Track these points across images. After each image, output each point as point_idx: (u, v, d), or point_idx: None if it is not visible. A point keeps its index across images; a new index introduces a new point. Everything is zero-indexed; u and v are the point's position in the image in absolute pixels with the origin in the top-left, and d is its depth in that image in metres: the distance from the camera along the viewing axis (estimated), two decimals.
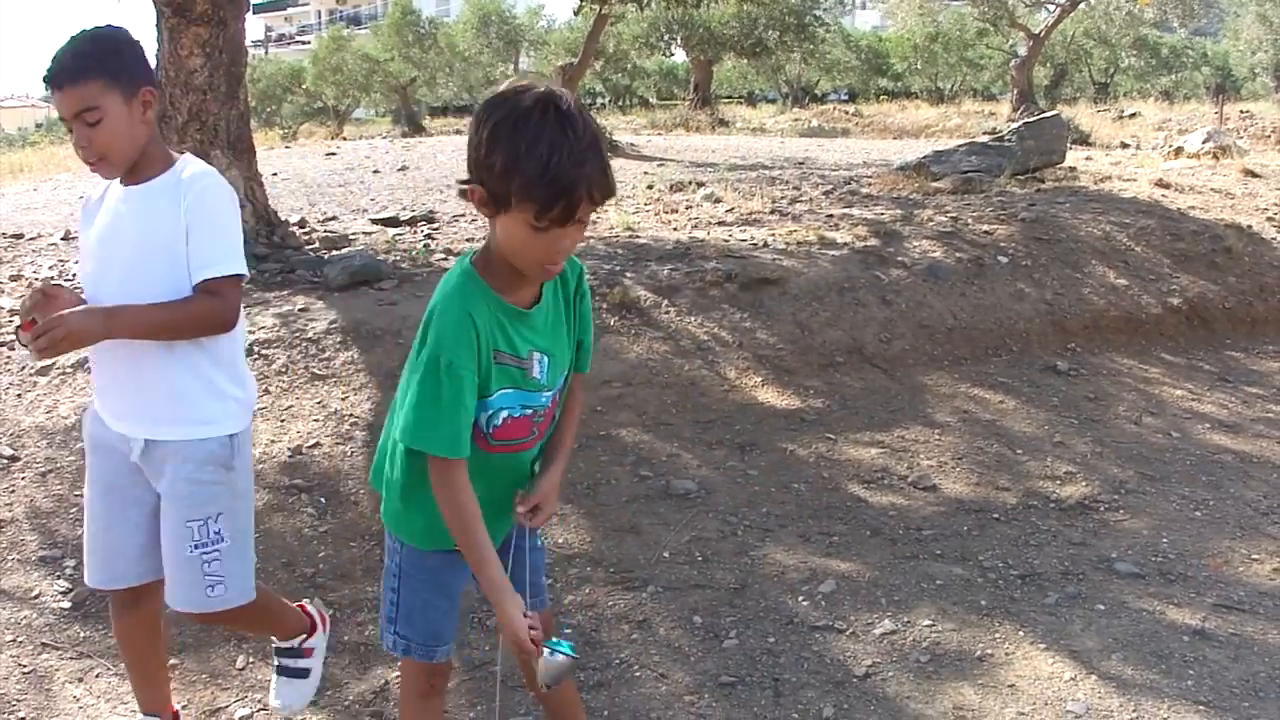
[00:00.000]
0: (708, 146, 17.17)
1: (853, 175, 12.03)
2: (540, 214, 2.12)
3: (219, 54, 7.60)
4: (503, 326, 2.34)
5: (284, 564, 4.40)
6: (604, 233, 8.38)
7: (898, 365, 6.47)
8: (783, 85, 38.14)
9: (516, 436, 2.45)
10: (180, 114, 7.65)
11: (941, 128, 23.14)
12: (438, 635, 2.66)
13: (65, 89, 2.71)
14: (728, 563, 4.41)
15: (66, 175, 16.95)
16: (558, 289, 2.47)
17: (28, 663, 3.83)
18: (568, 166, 2.10)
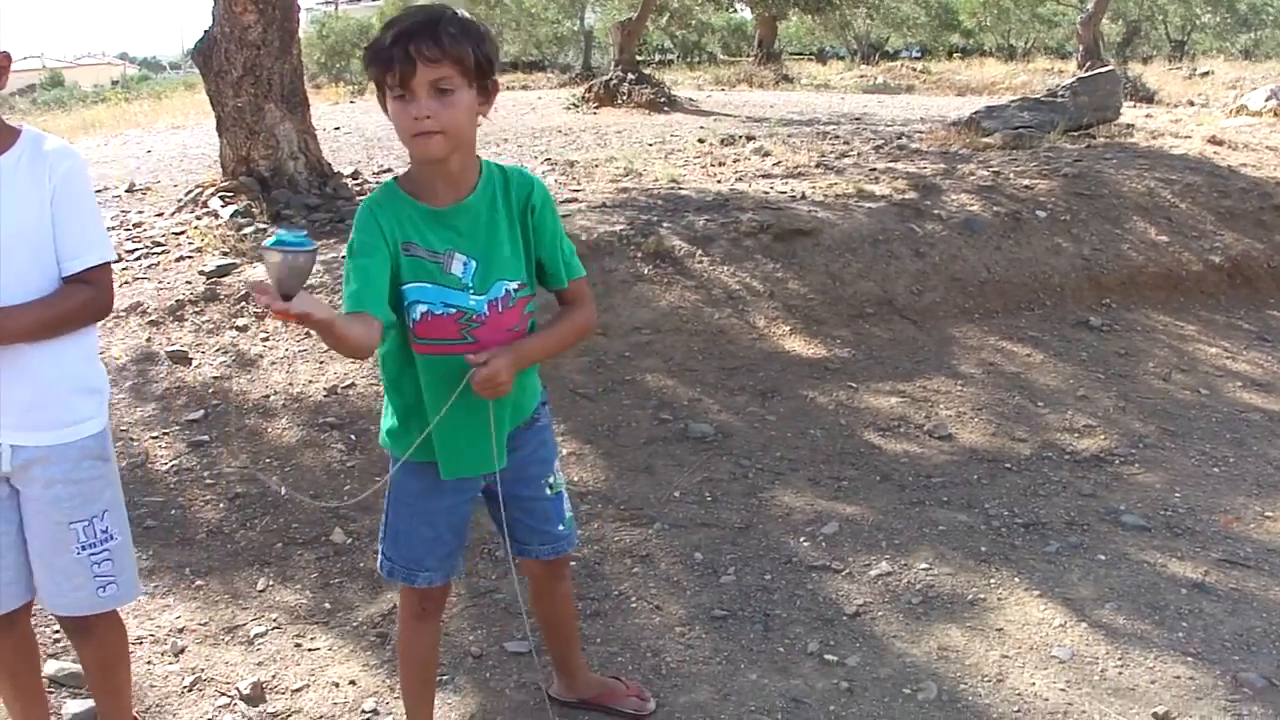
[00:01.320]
0: (767, 102, 17.08)
1: (906, 131, 11.93)
2: (386, 78, 2.36)
3: (272, 10, 7.69)
4: (414, 222, 2.47)
5: (311, 496, 4.52)
6: (648, 185, 8.39)
7: (927, 317, 6.45)
8: (851, 42, 37.74)
9: (441, 336, 2.49)
10: (235, 69, 7.76)
11: (1007, 85, 22.80)
12: (419, 561, 2.74)
13: None
14: (735, 503, 4.46)
15: (136, 131, 17.20)
16: (497, 200, 2.53)
17: None
18: (394, 32, 2.35)
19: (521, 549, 2.90)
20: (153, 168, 11.87)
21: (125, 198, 9.39)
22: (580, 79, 24.26)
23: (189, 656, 3.60)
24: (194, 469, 4.79)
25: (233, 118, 8.02)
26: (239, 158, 8.11)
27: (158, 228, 7.77)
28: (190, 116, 18.78)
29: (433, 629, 2.92)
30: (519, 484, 2.78)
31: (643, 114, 16.02)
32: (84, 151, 13.98)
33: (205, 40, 7.96)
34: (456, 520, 2.76)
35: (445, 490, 2.68)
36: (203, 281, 6.21)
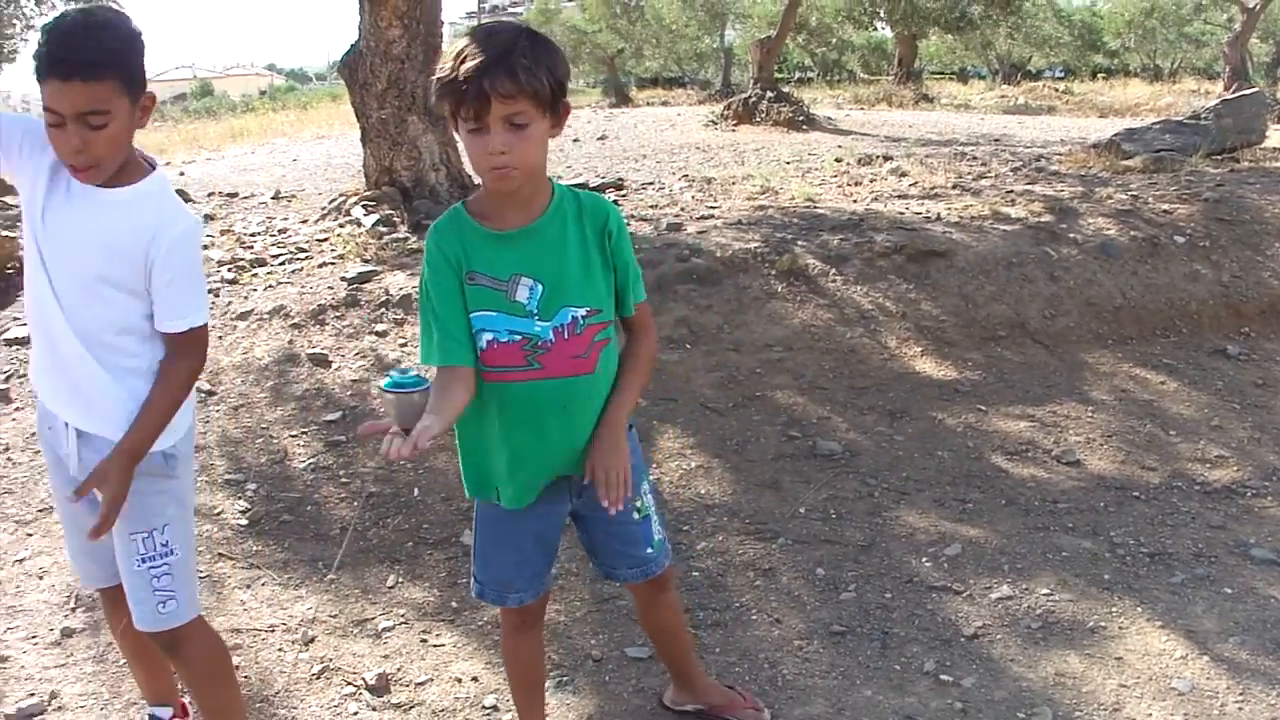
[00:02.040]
0: (906, 122, 16.96)
1: (1045, 152, 11.77)
2: (455, 113, 2.33)
3: (416, 25, 7.87)
4: (479, 250, 2.46)
5: (443, 499, 4.65)
6: (784, 203, 8.41)
7: (1060, 342, 6.36)
8: (993, 61, 37.22)
9: (507, 363, 2.48)
10: (379, 81, 7.97)
11: (1151, 106, 22.33)
12: (508, 583, 2.77)
13: (74, 83, 2.33)
14: (859, 521, 4.47)
15: (282, 140, 17.72)
16: (568, 224, 2.52)
17: (205, 569, 4.18)
18: (467, 67, 2.27)
19: (609, 572, 2.92)
20: (298, 176, 12.24)
21: (271, 204, 9.71)
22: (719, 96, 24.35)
23: (318, 646, 3.74)
24: (330, 468, 4.94)
25: (377, 129, 8.24)
26: (382, 168, 8.33)
27: (302, 234, 8.01)
28: (334, 127, 19.30)
29: (534, 639, 2.96)
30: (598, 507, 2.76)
31: (781, 132, 16.02)
32: (232, 160, 14.58)
33: (351, 54, 8.19)
34: (543, 543, 2.78)
35: (530, 516, 2.70)
36: (344, 287, 6.39)
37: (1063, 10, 36.91)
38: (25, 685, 3.53)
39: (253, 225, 8.69)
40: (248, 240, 8.09)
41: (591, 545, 2.90)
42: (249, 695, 3.46)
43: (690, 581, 3.98)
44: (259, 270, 7.11)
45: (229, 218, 9.24)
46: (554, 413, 2.54)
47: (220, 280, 6.92)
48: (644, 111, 21.24)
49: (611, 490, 2.58)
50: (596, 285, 2.55)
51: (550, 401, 2.53)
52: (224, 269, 7.17)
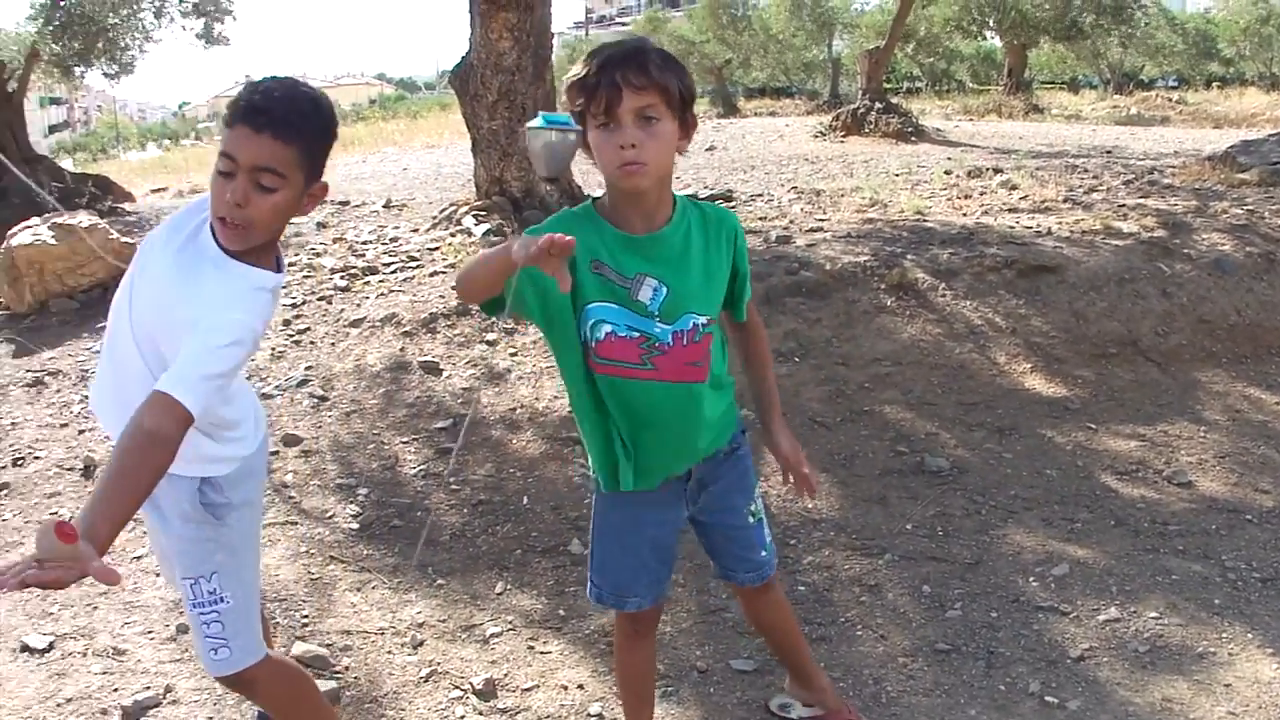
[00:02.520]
0: (1015, 133, 16.73)
1: (1158, 165, 11.53)
2: (590, 108, 2.36)
3: (526, 37, 7.96)
4: (607, 246, 2.46)
5: (551, 508, 4.69)
6: (893, 215, 8.36)
7: (1172, 360, 6.24)
8: (1104, 71, 36.48)
9: (623, 358, 2.48)
10: (490, 93, 8.07)
11: (1268, 117, 21.76)
12: (626, 588, 2.78)
13: (264, 136, 2.31)
14: (967, 539, 4.43)
15: (392, 149, 17.98)
16: (692, 234, 2.53)
17: (316, 572, 4.29)
18: (599, 61, 2.35)
19: (728, 574, 2.95)
20: (408, 185, 12.41)
21: (382, 213, 9.87)
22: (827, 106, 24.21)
23: (426, 650, 3.79)
24: (440, 475, 5.02)
25: (487, 140, 8.33)
26: (492, 178, 8.42)
27: (413, 243, 8.13)
28: (444, 136, 19.54)
29: (647, 646, 2.97)
30: (723, 513, 2.82)
31: (889, 144, 15.90)
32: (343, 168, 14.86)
33: (463, 65, 8.29)
34: (661, 548, 2.79)
35: (646, 521, 2.73)
36: (455, 296, 6.48)
37: (1176, 18, 36.09)
38: (141, 679, 3.63)
39: (364, 233, 8.85)
40: (359, 248, 8.25)
41: (710, 548, 2.93)
42: (358, 697, 3.53)
43: (796, 596, 3.97)
44: (371, 278, 7.24)
45: (341, 225, 9.42)
46: (664, 415, 2.56)
47: (333, 287, 7.07)
48: (752, 122, 21.23)
49: (806, 474, 2.81)
50: (715, 296, 2.58)
51: (661, 404, 2.55)
52: (336, 276, 7.32)
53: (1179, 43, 35.52)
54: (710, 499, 2.77)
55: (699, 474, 2.72)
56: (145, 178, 17.84)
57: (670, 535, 2.80)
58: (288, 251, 8.37)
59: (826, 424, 5.38)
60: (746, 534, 2.86)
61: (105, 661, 3.74)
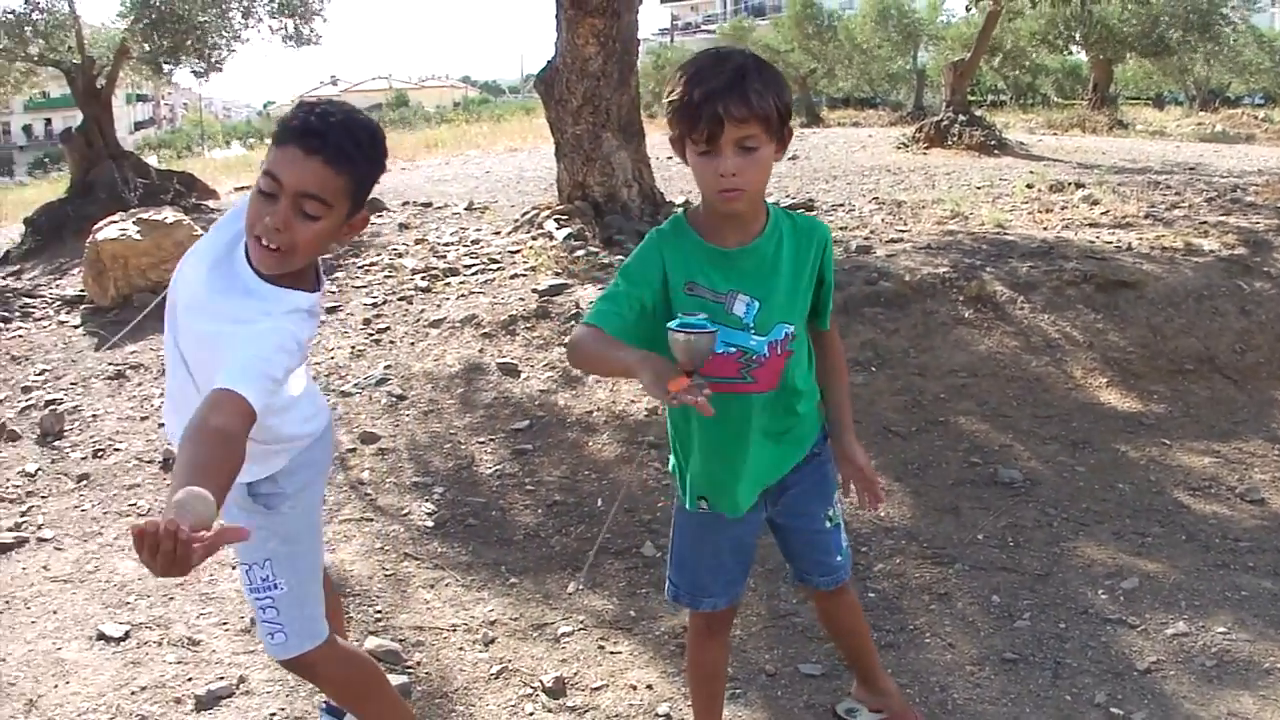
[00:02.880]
0: (1099, 148, 16.51)
1: (1241, 183, 11.35)
2: (690, 134, 2.36)
3: (613, 43, 7.99)
4: (699, 261, 2.50)
5: (625, 509, 4.76)
6: (973, 228, 8.33)
7: (1249, 377, 6.17)
8: (1190, 87, 35.85)
9: (722, 374, 2.49)
10: (575, 98, 8.12)
11: None
12: (703, 588, 2.83)
13: (315, 161, 2.25)
14: (1037, 550, 4.43)
15: (475, 151, 18.12)
16: (783, 245, 2.56)
17: (390, 568, 4.39)
18: (702, 90, 2.32)
19: (803, 577, 2.98)
20: (490, 188, 12.52)
21: (464, 215, 9.97)
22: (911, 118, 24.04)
23: (498, 647, 3.86)
24: (516, 475, 5.10)
25: (571, 144, 8.38)
26: (575, 183, 8.47)
27: (494, 245, 8.22)
28: (527, 140, 19.65)
29: (720, 646, 3.00)
30: (801, 517, 2.85)
31: (972, 156, 15.78)
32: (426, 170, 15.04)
33: (548, 70, 8.35)
34: (740, 549, 2.83)
35: (725, 523, 2.76)
36: (535, 299, 6.57)
37: (1264, 35, 35.34)
38: (215, 669, 3.74)
39: (446, 235, 8.97)
40: (441, 250, 8.37)
41: (787, 551, 2.98)
42: (429, 692, 3.60)
43: (866, 602, 3.99)
44: (451, 280, 7.35)
45: (423, 227, 9.56)
46: (763, 424, 2.62)
47: (414, 288, 7.19)
48: (835, 132, 21.15)
49: (876, 487, 2.83)
50: (802, 304, 2.62)
51: (759, 413, 2.60)
52: (417, 277, 7.44)
53: (1266, 60, 34.77)
54: (790, 502, 2.81)
55: (781, 478, 2.77)
56: (229, 175, 18.16)
57: (751, 536, 2.85)
58: (369, 252, 8.52)
59: (901, 434, 5.40)
60: (824, 538, 2.90)
61: (180, 651, 3.86)
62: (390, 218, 10.36)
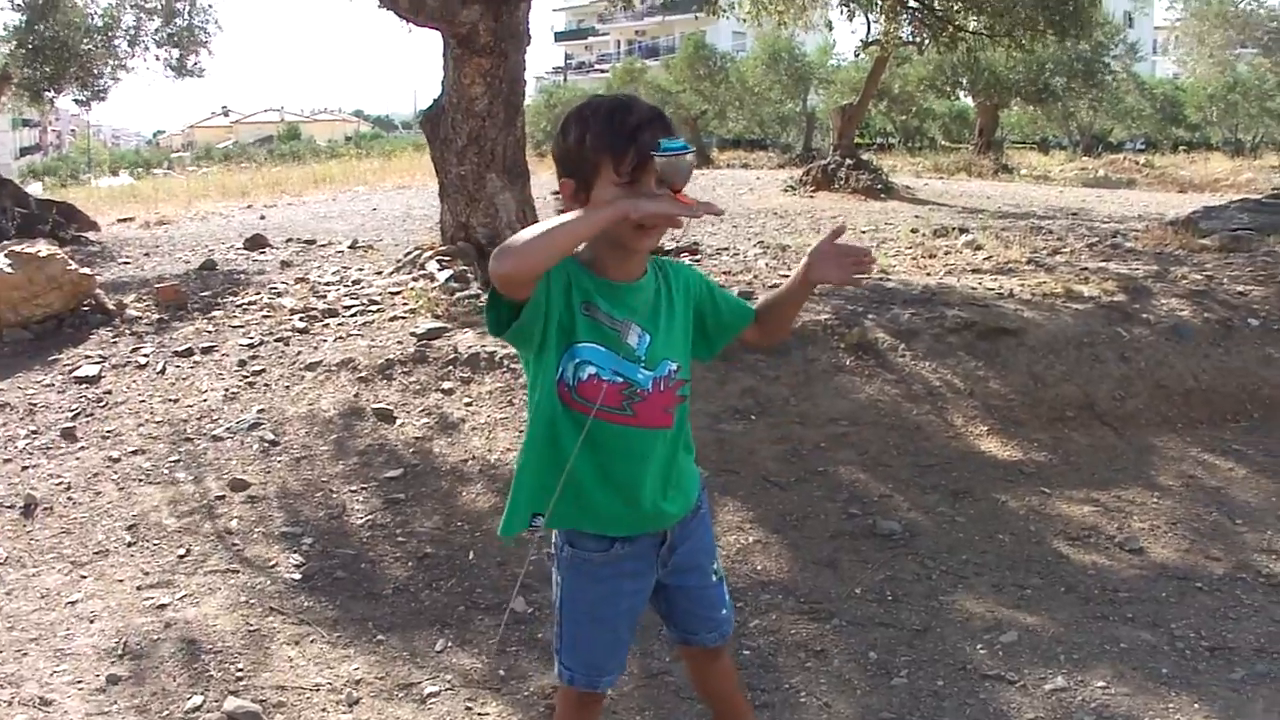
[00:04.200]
0: (984, 193, 16.88)
1: (1121, 229, 11.63)
2: (619, 163, 2.35)
3: (499, 83, 7.97)
4: (594, 290, 2.48)
5: (497, 563, 4.70)
6: None
7: (1129, 425, 6.25)
8: (1074, 132, 36.90)
9: (605, 402, 2.47)
10: (460, 138, 8.08)
11: (1231, 182, 22.02)
12: (601, 665, 2.71)
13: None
14: (916, 604, 4.39)
15: (363, 188, 17.98)
16: (662, 286, 2.57)
17: (255, 623, 4.24)
18: (630, 118, 2.37)
19: (689, 639, 2.87)
20: (376, 226, 12.42)
21: (347, 253, 9.85)
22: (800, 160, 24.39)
23: (362, 708, 3.73)
24: (387, 525, 4.98)
25: (455, 185, 8.32)
26: (458, 224, 8.40)
27: (375, 286, 8.10)
28: (416, 177, 19.59)
29: (595, 716, 2.91)
30: (690, 574, 2.77)
31: (858, 200, 16.01)
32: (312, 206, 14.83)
33: (434, 108, 8.30)
34: (634, 618, 2.75)
35: (624, 592, 2.67)
36: (413, 343, 6.47)
37: (1145, 83, 36.58)
38: None
39: (327, 274, 8.82)
40: (321, 289, 8.21)
41: (671, 612, 2.84)
42: None
43: (742, 660, 3.92)
44: (330, 321, 7.21)
45: (305, 265, 9.41)
46: (641, 460, 2.56)
47: (292, 329, 7.03)
48: (724, 173, 21.35)
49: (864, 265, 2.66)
50: (685, 343, 2.62)
51: (638, 449, 2.56)
52: (295, 317, 7.28)
53: (1148, 107, 36.00)
54: (679, 561, 2.72)
55: (671, 537, 2.69)
56: (114, 206, 17.81)
57: (643, 603, 2.75)
58: (247, 290, 8.34)
59: (780, 484, 5.36)
60: (711, 593, 2.82)
61: (31, 711, 3.67)
62: (273, 254, 10.17)
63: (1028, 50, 16.62)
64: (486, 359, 6.23)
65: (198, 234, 12.56)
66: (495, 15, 7.85)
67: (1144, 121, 37.40)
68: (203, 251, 10.78)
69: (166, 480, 5.38)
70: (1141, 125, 38.11)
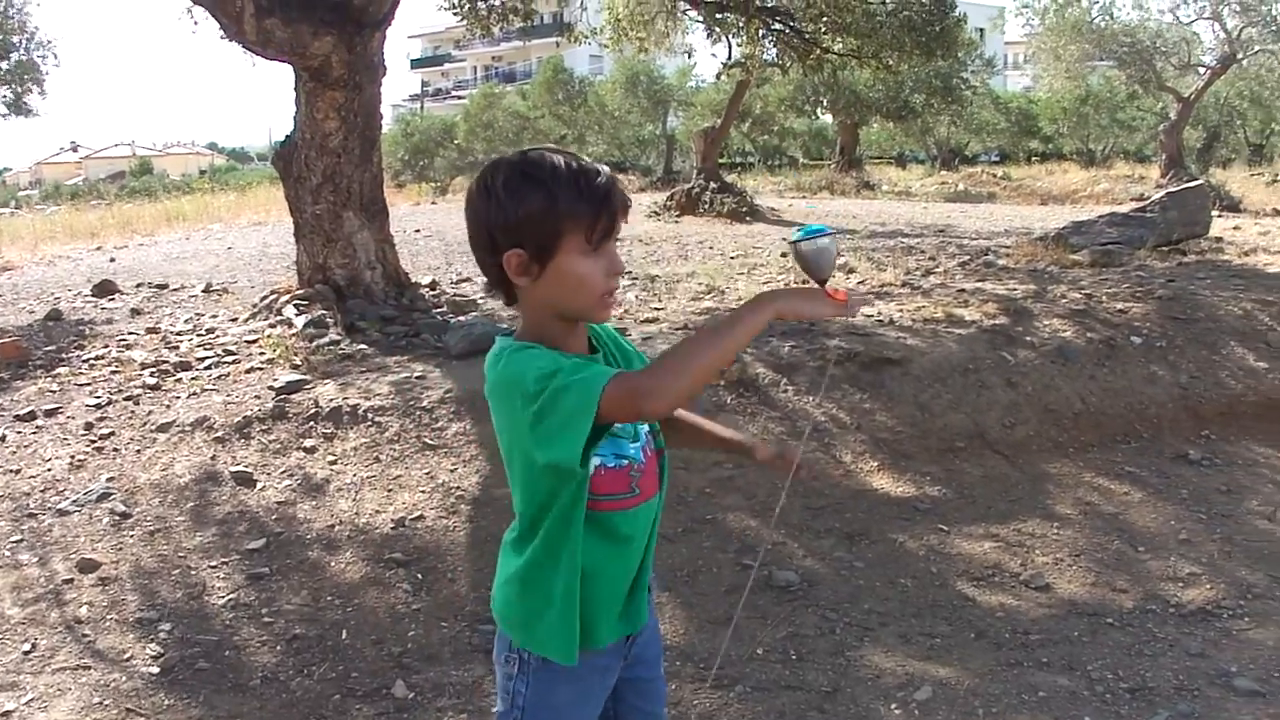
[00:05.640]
0: (849, 211, 16.99)
1: (991, 245, 11.74)
2: (591, 229, 2.09)
3: (354, 117, 7.71)
4: None
5: (373, 641, 4.35)
6: (730, 303, 8.25)
7: (1020, 452, 6.19)
8: (931, 147, 37.64)
9: (617, 491, 2.23)
10: (315, 175, 7.79)
11: (1088, 193, 22.60)
12: None
13: None
14: (822, 662, 4.21)
15: (218, 226, 17.46)
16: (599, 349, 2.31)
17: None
18: (598, 179, 2.10)
19: None
20: (232, 266, 11.98)
21: (201, 298, 9.46)
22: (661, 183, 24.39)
23: None
24: (251, 604, 4.63)
25: (310, 224, 8.02)
26: (315, 265, 8.10)
27: (230, 334, 7.73)
28: (272, 213, 19.11)
29: None
30: (644, 665, 2.45)
31: (724, 223, 15.98)
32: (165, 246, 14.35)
33: (286, 145, 8.00)
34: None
35: (597, 692, 2.35)
36: (272, 397, 6.13)
37: (1000, 97, 37.53)
38: None
39: (180, 323, 8.42)
40: (174, 340, 7.82)
41: (622, 710, 2.48)
42: None
43: None
44: (183, 375, 6.82)
45: (157, 312, 8.97)
46: (644, 538, 2.31)
47: (142, 386, 6.63)
48: None
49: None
50: None
51: (644, 526, 2.30)
52: (146, 372, 6.87)
53: (1002, 121, 36.90)
54: (638, 649, 2.42)
55: None
56: None
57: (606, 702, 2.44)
58: (94, 343, 7.90)
59: (667, 536, 5.14)
60: (659, 686, 2.53)
61: None
62: (123, 301, 9.66)
63: (893, 71, 16.79)
64: (349, 413, 5.92)
65: (43, 280, 11.93)
66: (348, 47, 7.58)
67: (999, 135, 38.35)
68: (48, 299, 10.20)
69: (9, 563, 4.94)
70: (996, 138, 39.07)
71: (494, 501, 5.17)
